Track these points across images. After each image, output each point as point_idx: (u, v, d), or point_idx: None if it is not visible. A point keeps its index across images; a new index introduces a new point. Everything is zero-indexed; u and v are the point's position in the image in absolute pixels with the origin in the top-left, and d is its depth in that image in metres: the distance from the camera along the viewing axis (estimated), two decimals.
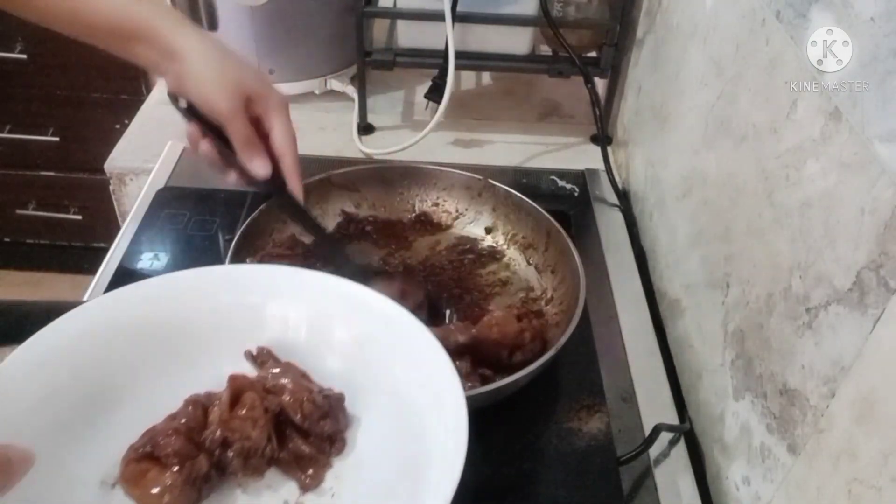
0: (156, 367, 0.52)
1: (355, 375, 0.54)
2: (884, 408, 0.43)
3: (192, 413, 0.49)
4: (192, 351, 0.53)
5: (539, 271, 0.79)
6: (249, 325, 0.54)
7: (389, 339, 0.53)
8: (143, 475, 0.47)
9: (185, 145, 1.00)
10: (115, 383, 0.51)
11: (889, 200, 0.43)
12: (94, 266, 0.82)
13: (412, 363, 0.52)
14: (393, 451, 0.50)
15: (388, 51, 1.02)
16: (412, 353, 0.52)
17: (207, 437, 0.48)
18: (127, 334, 0.52)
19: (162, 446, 0.47)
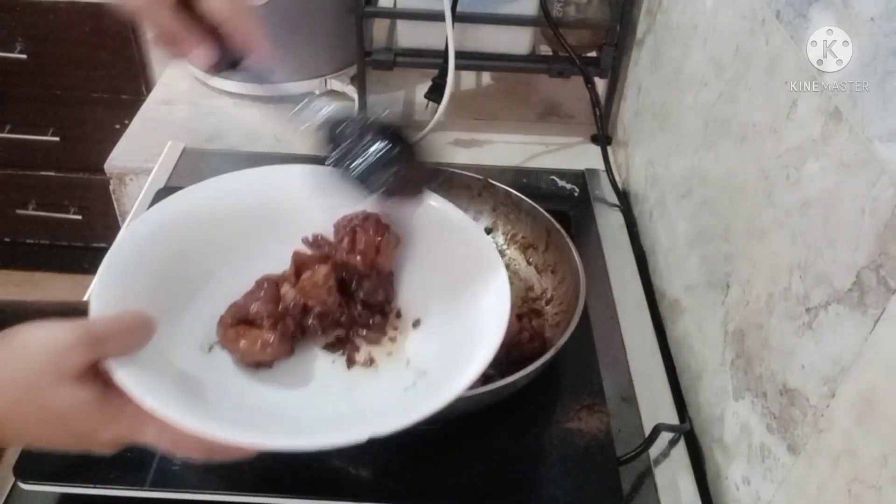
0: (232, 251, 0.60)
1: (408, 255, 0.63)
2: (884, 408, 0.43)
3: (266, 289, 0.57)
4: (262, 239, 0.61)
5: (539, 271, 0.79)
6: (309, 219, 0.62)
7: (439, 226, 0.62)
8: (242, 335, 0.55)
9: (185, 144, 1.00)
10: (200, 264, 0.58)
11: (889, 200, 0.43)
12: (94, 266, 0.81)
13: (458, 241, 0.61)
14: (445, 316, 0.59)
15: (388, 51, 1.02)
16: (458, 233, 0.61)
17: (290, 304, 0.56)
18: (210, 221, 0.60)
19: (254, 313, 0.55)
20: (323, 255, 0.60)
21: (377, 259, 0.59)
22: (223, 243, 0.60)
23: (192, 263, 0.58)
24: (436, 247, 0.62)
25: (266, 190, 0.62)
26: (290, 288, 0.57)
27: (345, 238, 0.60)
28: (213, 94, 1.13)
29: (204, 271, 0.59)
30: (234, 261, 0.60)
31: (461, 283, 0.59)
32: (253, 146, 1.02)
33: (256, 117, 1.08)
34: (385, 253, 0.60)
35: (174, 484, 0.60)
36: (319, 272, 0.58)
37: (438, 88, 0.97)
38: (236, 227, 0.61)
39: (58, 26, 1.58)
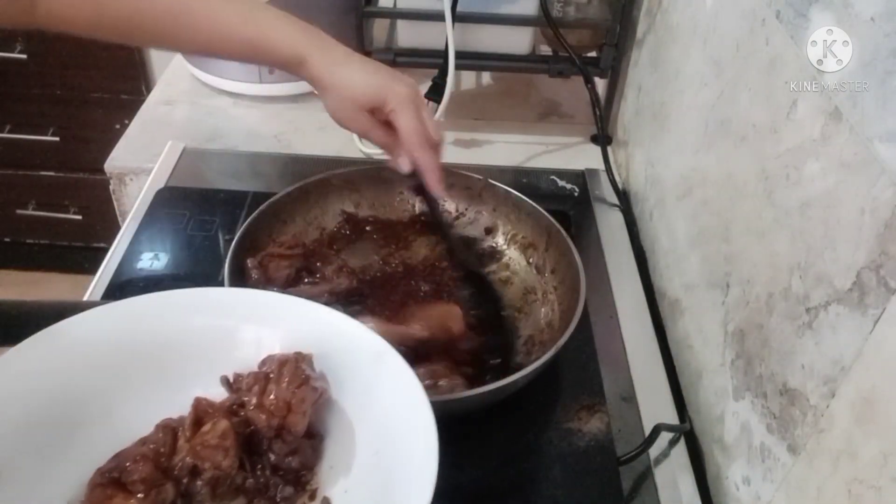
0: (128, 389, 0.51)
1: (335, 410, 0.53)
2: (884, 408, 0.43)
3: (162, 438, 0.48)
4: (166, 374, 0.52)
5: (539, 271, 0.79)
6: (224, 349, 0.53)
7: (361, 366, 0.52)
8: (109, 501, 0.46)
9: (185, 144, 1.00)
10: (85, 405, 0.50)
11: (889, 200, 0.43)
12: (94, 266, 0.82)
13: (387, 390, 0.51)
14: (366, 479, 0.49)
15: (388, 51, 1.02)
16: (384, 380, 0.51)
17: (176, 464, 0.47)
18: (99, 356, 0.51)
19: (129, 472, 0.46)
20: (233, 403, 0.51)
21: (288, 418, 0.49)
22: (125, 378, 0.51)
23: (82, 404, 0.49)
24: (368, 401, 0.52)
25: (177, 316, 0.54)
26: (185, 442, 0.48)
27: (255, 387, 0.50)
28: (213, 94, 1.13)
29: (100, 412, 0.49)
30: (138, 399, 0.51)
31: (391, 452, 0.49)
32: (253, 146, 1.02)
33: (256, 117, 1.08)
34: (298, 411, 0.49)
35: None
36: (217, 428, 0.48)
37: (438, 88, 0.97)
38: (142, 360, 0.52)
39: None
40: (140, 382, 0.52)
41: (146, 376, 0.52)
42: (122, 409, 0.50)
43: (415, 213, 0.85)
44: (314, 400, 0.50)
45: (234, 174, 0.98)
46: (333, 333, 0.54)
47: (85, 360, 0.50)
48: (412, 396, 0.49)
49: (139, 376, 0.52)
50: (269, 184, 0.94)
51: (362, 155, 1.01)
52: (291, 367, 0.50)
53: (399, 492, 0.46)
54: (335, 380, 0.52)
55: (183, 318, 0.54)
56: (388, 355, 0.51)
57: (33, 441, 0.47)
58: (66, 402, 0.49)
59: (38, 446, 0.47)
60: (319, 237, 0.81)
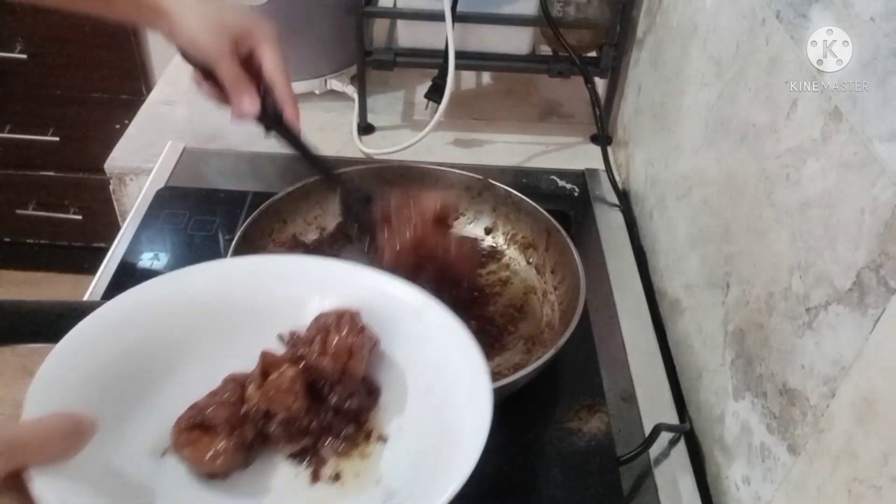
0: (201, 347, 0.55)
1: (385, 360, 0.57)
2: (884, 408, 0.43)
3: (231, 389, 0.53)
4: (236, 335, 0.56)
5: (539, 271, 0.79)
6: (291, 314, 0.58)
7: (407, 319, 0.57)
8: (195, 442, 0.50)
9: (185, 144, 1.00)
10: (162, 361, 0.54)
11: (889, 200, 0.43)
12: (94, 266, 0.82)
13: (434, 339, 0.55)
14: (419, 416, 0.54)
15: (388, 51, 1.02)
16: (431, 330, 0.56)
17: (251, 409, 0.52)
18: (176, 315, 0.56)
19: (210, 417, 0.51)
20: (294, 355, 0.55)
21: (349, 363, 0.54)
22: (192, 338, 0.55)
23: (155, 359, 0.53)
24: (416, 350, 0.56)
25: (242, 282, 0.58)
26: (256, 390, 0.52)
27: (316, 338, 0.55)
28: None
29: (168, 368, 0.54)
30: (203, 357, 0.55)
31: (441, 391, 0.53)
32: (253, 146, 1.02)
33: None
34: (358, 356, 0.54)
35: None
36: (286, 375, 0.53)
37: (438, 88, 0.97)
38: (208, 321, 0.56)
39: (58, 26, 1.58)
40: (212, 342, 0.56)
41: (217, 336, 0.56)
42: (194, 366, 0.54)
43: None
44: (371, 347, 0.56)
45: (234, 174, 0.98)
46: (378, 292, 0.58)
47: (162, 319, 0.55)
48: (459, 340, 0.54)
49: (211, 336, 0.56)
50: (269, 184, 0.94)
51: (362, 155, 1.01)
52: (348, 318, 0.55)
53: (454, 420, 0.51)
54: (385, 334, 0.56)
55: (248, 282, 0.58)
56: (431, 308, 0.56)
57: (118, 391, 0.51)
58: (145, 356, 0.53)
59: (122, 396, 0.51)
60: (319, 237, 0.81)
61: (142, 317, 0.54)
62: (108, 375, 0.50)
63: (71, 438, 0.41)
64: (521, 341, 0.73)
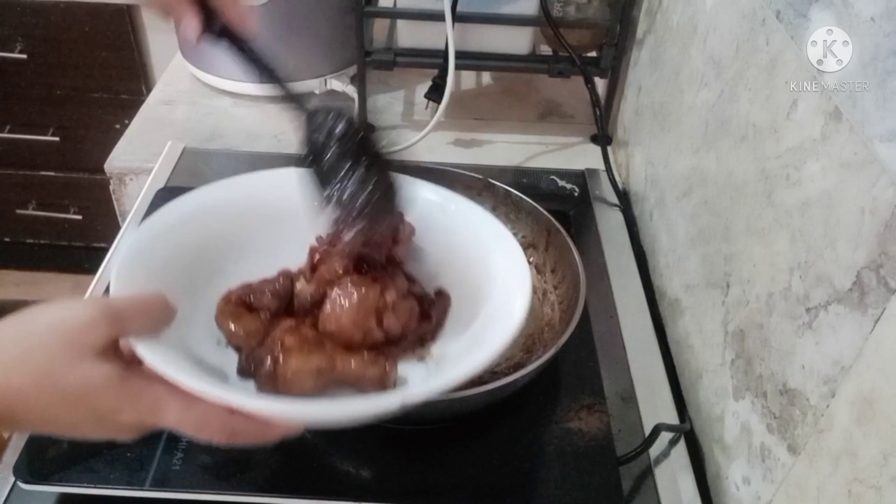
0: (259, 245, 0.60)
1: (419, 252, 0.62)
2: (884, 408, 0.43)
3: (282, 283, 0.57)
4: (291, 234, 0.60)
5: (539, 271, 0.79)
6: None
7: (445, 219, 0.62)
8: (239, 316, 0.54)
9: (185, 144, 1.00)
10: (224, 256, 0.58)
11: (889, 200, 0.43)
12: (94, 266, 0.82)
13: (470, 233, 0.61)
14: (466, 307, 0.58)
15: (388, 51, 1.02)
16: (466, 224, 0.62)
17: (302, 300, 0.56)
18: (238, 215, 0.61)
19: (258, 297, 0.55)
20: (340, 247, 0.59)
21: (394, 249, 0.58)
22: (247, 238, 0.60)
23: (215, 256, 0.58)
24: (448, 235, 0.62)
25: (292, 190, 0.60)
26: (305, 284, 0.56)
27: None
28: (213, 94, 1.13)
29: (229, 262, 0.59)
30: (257, 256, 0.59)
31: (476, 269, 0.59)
32: (253, 146, 1.02)
33: (256, 117, 1.08)
34: (402, 241, 0.58)
35: (174, 484, 0.60)
36: (336, 263, 0.57)
37: (438, 88, 0.97)
38: (266, 221, 0.61)
39: (58, 26, 1.58)
40: (268, 240, 0.60)
41: (273, 235, 0.61)
42: (253, 260, 0.59)
43: None
44: (410, 233, 0.60)
45: (234, 174, 0.97)
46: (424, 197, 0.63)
47: (222, 219, 0.60)
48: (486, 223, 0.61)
49: (267, 234, 0.61)
50: None
51: None
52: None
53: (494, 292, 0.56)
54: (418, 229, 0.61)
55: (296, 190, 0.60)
56: (453, 200, 0.63)
57: (188, 278, 0.55)
58: (211, 248, 0.58)
59: (191, 284, 0.55)
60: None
61: (204, 215, 0.59)
62: (177, 266, 0.54)
63: (160, 313, 0.46)
64: (521, 341, 0.73)
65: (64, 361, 0.40)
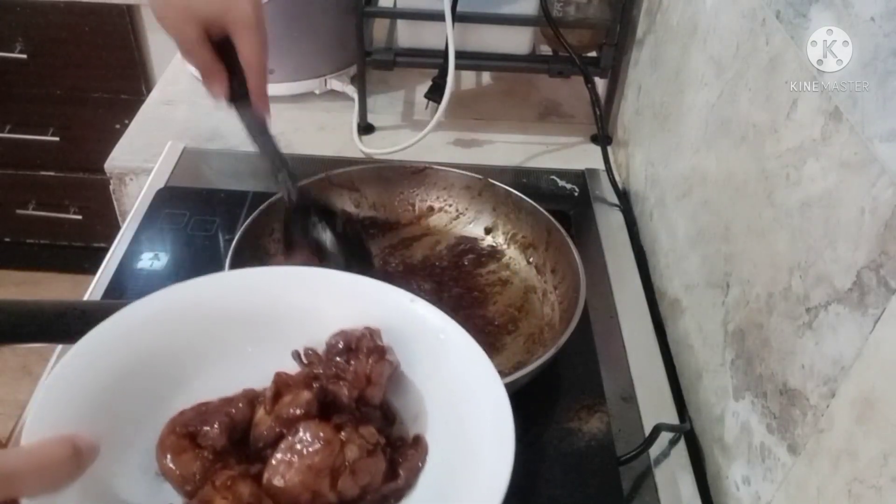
0: (217, 360, 0.53)
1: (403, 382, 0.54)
2: (884, 408, 0.43)
3: (242, 409, 0.49)
4: (253, 348, 0.54)
5: (539, 271, 0.79)
6: (311, 327, 0.54)
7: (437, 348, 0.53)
8: (181, 452, 0.47)
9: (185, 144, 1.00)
10: (172, 375, 0.51)
11: (889, 200, 0.43)
12: (94, 266, 0.82)
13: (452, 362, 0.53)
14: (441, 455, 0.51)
15: (388, 51, 1.02)
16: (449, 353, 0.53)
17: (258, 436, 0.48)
18: (192, 325, 0.53)
19: (204, 434, 0.47)
20: (310, 375, 0.52)
21: (367, 390, 0.51)
22: (206, 351, 0.53)
23: (166, 373, 0.51)
24: (434, 372, 0.54)
25: (259, 293, 0.55)
26: (266, 413, 0.49)
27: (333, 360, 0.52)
28: None
29: (180, 383, 0.51)
30: (217, 371, 0.52)
31: (460, 415, 0.51)
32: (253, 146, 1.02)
33: None
34: (376, 383, 0.51)
35: None
36: (300, 399, 0.49)
37: (438, 88, 0.97)
38: (223, 333, 0.54)
39: (58, 26, 1.58)
40: (225, 355, 0.53)
41: (231, 349, 0.53)
42: (206, 379, 0.51)
43: (415, 214, 0.85)
44: (390, 373, 0.52)
45: (234, 174, 0.98)
46: (400, 309, 0.55)
47: (177, 329, 0.52)
48: (479, 367, 0.51)
49: (228, 348, 0.53)
50: (269, 184, 0.93)
51: (362, 155, 1.01)
52: (368, 342, 0.51)
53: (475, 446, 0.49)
54: (403, 353, 0.53)
55: (262, 295, 0.56)
56: (451, 329, 0.53)
57: (126, 407, 0.48)
58: (157, 370, 0.51)
59: (130, 413, 0.48)
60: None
61: (152, 329, 0.51)
62: (117, 391, 0.48)
63: (69, 465, 0.39)
64: (522, 341, 0.73)
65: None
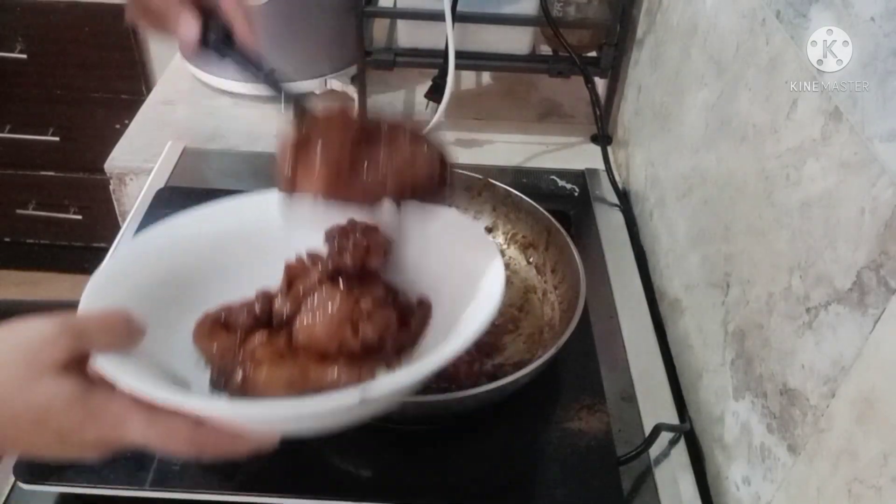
0: (239, 269, 0.59)
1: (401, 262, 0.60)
2: (884, 408, 0.43)
3: (260, 305, 0.56)
4: (270, 259, 0.59)
5: (539, 271, 0.79)
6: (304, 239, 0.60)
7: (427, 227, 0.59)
8: (215, 336, 0.54)
9: (185, 144, 1.00)
10: (203, 281, 0.57)
11: (889, 200, 0.43)
12: (94, 266, 0.81)
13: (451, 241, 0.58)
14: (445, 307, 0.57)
15: (388, 51, 1.02)
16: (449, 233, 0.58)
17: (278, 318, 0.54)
18: (214, 242, 0.59)
19: (234, 317, 0.54)
20: (315, 260, 0.58)
21: (368, 259, 0.56)
22: (229, 262, 0.59)
23: (195, 280, 0.57)
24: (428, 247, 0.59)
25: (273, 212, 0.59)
26: (283, 301, 0.55)
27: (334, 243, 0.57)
28: (213, 94, 1.13)
29: (209, 287, 0.57)
30: (240, 279, 0.58)
31: (453, 275, 0.57)
32: (253, 146, 1.02)
33: (256, 117, 1.08)
34: (375, 254, 0.56)
35: (174, 484, 0.60)
36: (311, 279, 0.56)
37: (438, 88, 0.97)
38: (245, 246, 0.60)
39: (58, 26, 1.58)
40: (247, 264, 0.59)
41: (253, 259, 0.59)
42: (232, 284, 0.58)
43: None
44: (386, 246, 0.57)
45: (234, 174, 0.98)
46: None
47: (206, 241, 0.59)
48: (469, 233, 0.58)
49: (247, 259, 0.59)
50: (268, 184, 0.93)
51: None
52: (361, 222, 0.57)
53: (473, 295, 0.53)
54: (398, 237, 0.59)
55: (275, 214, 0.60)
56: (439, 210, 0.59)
57: (163, 302, 0.54)
58: (189, 272, 0.57)
59: (167, 308, 0.54)
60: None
61: (186, 237, 0.58)
62: (155, 289, 0.54)
63: (127, 331, 0.45)
64: (522, 341, 0.73)
65: (25, 378, 0.40)
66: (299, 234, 0.59)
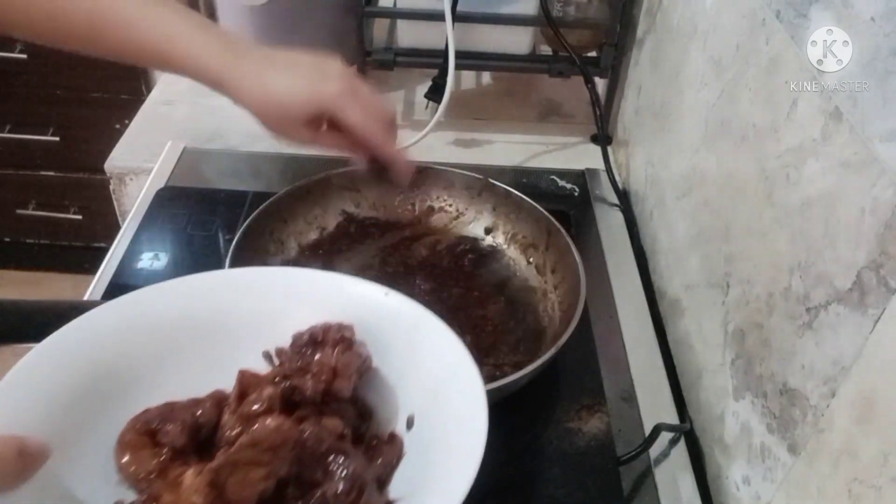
0: (177, 367, 0.52)
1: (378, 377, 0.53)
2: (884, 408, 0.43)
3: (209, 410, 0.49)
4: (221, 352, 0.52)
5: (539, 271, 0.79)
6: (271, 328, 0.53)
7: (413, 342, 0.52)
8: (139, 448, 0.47)
9: (185, 144, 1.00)
10: (145, 377, 0.50)
11: (889, 200, 0.43)
12: (94, 266, 0.82)
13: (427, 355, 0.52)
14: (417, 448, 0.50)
15: (388, 51, 1.02)
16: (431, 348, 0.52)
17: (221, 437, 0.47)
18: (151, 334, 0.52)
19: (165, 432, 0.47)
20: (275, 376, 0.50)
21: (334, 383, 0.49)
22: (172, 356, 0.52)
23: (129, 378, 0.50)
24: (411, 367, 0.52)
25: (229, 294, 0.54)
26: (230, 415, 0.48)
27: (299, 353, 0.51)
28: (213, 94, 1.12)
29: (145, 387, 0.50)
30: (183, 376, 0.51)
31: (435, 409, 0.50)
32: (253, 146, 1.02)
33: None
34: (344, 375, 0.49)
35: None
36: (262, 395, 0.48)
37: (438, 88, 0.97)
38: (190, 338, 0.52)
39: None
40: (192, 359, 0.52)
41: (198, 353, 0.52)
42: (171, 387, 0.50)
43: (415, 214, 0.85)
44: (359, 365, 0.50)
45: (234, 174, 0.98)
46: (373, 304, 0.54)
47: (135, 338, 0.51)
48: (454, 358, 0.49)
49: (188, 354, 0.52)
50: (269, 184, 0.94)
51: None
52: (335, 333, 0.50)
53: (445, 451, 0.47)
54: (378, 349, 0.52)
55: (234, 296, 0.54)
56: (427, 321, 0.52)
57: (83, 413, 0.47)
58: (115, 377, 0.49)
59: (88, 419, 0.47)
60: (320, 237, 0.81)
61: (118, 332, 0.50)
62: (77, 393, 0.47)
63: (13, 465, 0.39)
64: (522, 341, 0.73)
65: None
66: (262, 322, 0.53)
